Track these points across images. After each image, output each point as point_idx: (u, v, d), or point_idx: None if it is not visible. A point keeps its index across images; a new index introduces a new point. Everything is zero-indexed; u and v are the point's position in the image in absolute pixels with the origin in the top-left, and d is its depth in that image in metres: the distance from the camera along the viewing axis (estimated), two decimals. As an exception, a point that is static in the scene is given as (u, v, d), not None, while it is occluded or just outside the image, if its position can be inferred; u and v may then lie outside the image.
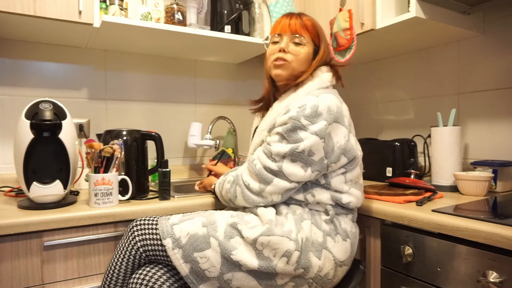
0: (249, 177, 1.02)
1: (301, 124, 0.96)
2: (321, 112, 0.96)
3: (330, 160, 0.98)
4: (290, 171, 0.97)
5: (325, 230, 0.98)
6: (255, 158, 1.03)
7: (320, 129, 0.95)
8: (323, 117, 0.96)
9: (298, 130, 0.96)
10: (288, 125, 0.97)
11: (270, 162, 0.98)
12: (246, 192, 1.01)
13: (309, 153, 0.96)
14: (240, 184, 1.03)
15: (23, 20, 1.29)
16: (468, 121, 1.55)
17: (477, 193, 1.23)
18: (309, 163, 0.97)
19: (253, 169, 1.01)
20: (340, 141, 0.99)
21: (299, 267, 0.92)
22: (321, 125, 0.96)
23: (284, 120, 0.98)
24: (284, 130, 0.97)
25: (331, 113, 0.97)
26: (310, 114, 0.96)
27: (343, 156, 1.00)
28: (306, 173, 0.97)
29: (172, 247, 0.95)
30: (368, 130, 2.01)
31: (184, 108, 1.92)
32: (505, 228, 0.82)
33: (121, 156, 1.24)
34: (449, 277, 0.93)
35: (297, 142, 0.96)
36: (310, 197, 1.01)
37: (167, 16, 1.58)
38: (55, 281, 1.04)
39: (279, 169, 0.97)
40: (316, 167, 0.97)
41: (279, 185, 0.98)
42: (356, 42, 1.46)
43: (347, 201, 1.02)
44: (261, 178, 0.99)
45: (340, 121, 1.00)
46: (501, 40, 1.43)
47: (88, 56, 1.68)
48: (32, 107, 1.10)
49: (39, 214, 1.00)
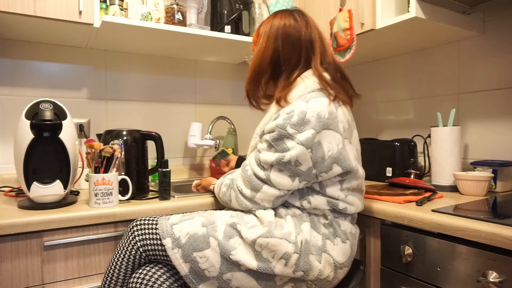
0: (242, 183, 1.02)
1: (287, 133, 0.92)
2: (308, 119, 0.92)
3: (319, 169, 0.94)
4: (278, 180, 0.95)
5: (324, 233, 0.98)
6: (247, 164, 1.02)
7: (307, 138, 0.91)
8: (311, 125, 0.91)
9: (284, 139, 0.93)
10: (274, 133, 0.94)
11: (259, 170, 0.97)
12: (240, 197, 1.01)
13: (295, 163, 0.93)
14: (235, 188, 1.03)
15: (23, 20, 1.29)
16: (468, 121, 1.55)
17: (477, 193, 1.23)
18: (296, 174, 0.94)
19: (245, 175, 1.00)
20: (332, 150, 0.94)
21: (298, 269, 0.91)
22: (307, 134, 0.91)
23: (272, 128, 0.95)
24: (271, 138, 0.95)
25: (321, 120, 0.92)
26: (297, 122, 0.91)
27: (335, 165, 0.95)
28: (294, 183, 0.95)
29: (171, 246, 0.95)
30: (368, 130, 2.01)
31: (184, 108, 1.93)
32: (505, 228, 0.82)
33: (121, 156, 1.24)
34: (449, 277, 0.93)
35: (283, 152, 0.93)
36: (306, 203, 0.99)
37: (167, 16, 1.58)
38: (55, 281, 1.04)
39: (267, 178, 0.96)
40: (304, 177, 0.95)
41: (268, 192, 0.96)
42: (356, 42, 1.46)
43: (343, 207, 1.00)
44: (252, 185, 0.98)
45: (332, 128, 0.94)
46: (501, 40, 1.43)
47: (88, 56, 1.68)
48: (32, 107, 1.10)
49: (39, 214, 1.00)
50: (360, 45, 1.60)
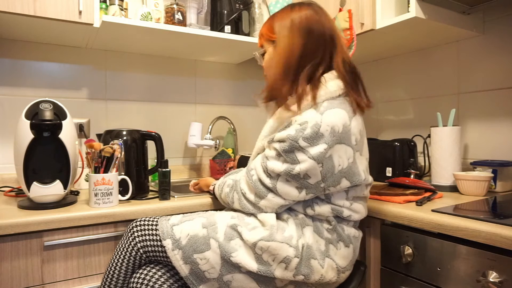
0: (246, 186, 1.00)
1: (298, 146, 0.89)
2: (322, 133, 0.88)
3: (327, 183, 0.92)
4: (285, 190, 0.93)
5: (327, 238, 0.96)
6: (253, 168, 0.99)
7: (319, 153, 0.88)
8: (324, 140, 0.88)
9: (295, 151, 0.89)
10: (285, 144, 0.90)
11: (265, 177, 0.95)
12: (243, 200, 1.00)
13: (304, 177, 0.90)
14: (238, 191, 1.02)
15: (23, 20, 1.29)
16: (468, 121, 1.55)
17: (477, 193, 1.23)
18: (304, 186, 0.92)
19: (250, 179, 0.98)
20: (342, 164, 0.91)
21: (299, 273, 0.91)
22: (320, 149, 0.88)
23: (282, 137, 0.91)
24: (281, 148, 0.91)
25: (335, 134, 0.89)
26: (310, 135, 0.88)
27: (344, 179, 0.93)
28: (301, 194, 0.93)
29: (172, 248, 0.95)
30: (368, 130, 2.01)
31: (184, 108, 1.93)
32: (505, 228, 0.83)
33: (121, 156, 1.24)
34: (449, 277, 0.93)
35: (293, 164, 0.90)
36: (310, 210, 0.97)
37: (167, 16, 1.58)
38: (55, 281, 1.04)
39: (273, 187, 0.94)
40: (311, 190, 0.93)
41: (273, 200, 0.95)
42: (356, 42, 1.46)
43: (348, 215, 0.98)
44: (256, 191, 0.97)
45: (345, 142, 0.91)
46: (501, 40, 1.43)
47: (88, 56, 1.68)
48: (32, 107, 1.10)
49: (39, 214, 1.00)
50: (360, 45, 1.60)
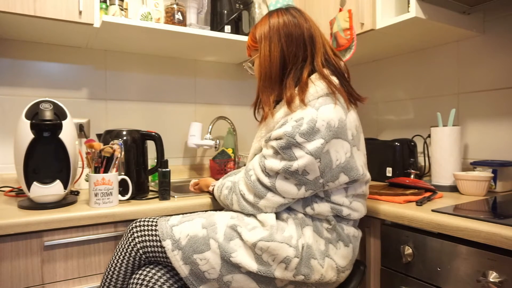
0: (245, 187, 1.00)
1: (295, 142, 0.89)
2: (318, 128, 0.89)
3: (326, 179, 0.92)
4: (284, 188, 0.93)
5: (327, 238, 0.97)
6: (251, 169, 1.00)
7: (316, 148, 0.89)
8: (321, 135, 0.89)
9: (292, 147, 0.90)
10: (282, 141, 0.91)
11: (263, 177, 0.95)
12: (242, 201, 1.00)
13: (303, 173, 0.91)
14: (237, 192, 1.02)
15: (23, 20, 1.29)
16: (468, 121, 1.55)
17: (477, 193, 1.23)
18: (303, 182, 0.92)
19: (248, 180, 0.98)
20: (340, 159, 0.92)
21: (299, 273, 0.91)
22: (317, 144, 0.88)
23: (279, 135, 0.92)
24: (278, 146, 0.91)
25: (331, 129, 0.89)
26: (307, 131, 0.89)
27: (343, 174, 0.93)
28: (300, 191, 0.93)
29: (171, 248, 0.95)
30: (368, 130, 2.01)
31: (184, 108, 1.93)
32: (505, 228, 0.83)
33: (121, 156, 1.24)
34: (449, 277, 0.93)
35: (291, 160, 0.90)
36: (309, 210, 0.97)
37: (167, 16, 1.58)
38: (55, 281, 1.04)
39: (272, 185, 0.94)
40: (310, 186, 0.93)
41: (272, 200, 0.95)
42: (356, 42, 1.46)
43: (347, 214, 0.98)
44: (255, 191, 0.97)
45: (342, 136, 0.92)
46: (501, 40, 1.43)
47: (88, 56, 1.68)
48: (32, 107, 1.10)
49: (39, 214, 1.00)
50: (360, 45, 1.60)
